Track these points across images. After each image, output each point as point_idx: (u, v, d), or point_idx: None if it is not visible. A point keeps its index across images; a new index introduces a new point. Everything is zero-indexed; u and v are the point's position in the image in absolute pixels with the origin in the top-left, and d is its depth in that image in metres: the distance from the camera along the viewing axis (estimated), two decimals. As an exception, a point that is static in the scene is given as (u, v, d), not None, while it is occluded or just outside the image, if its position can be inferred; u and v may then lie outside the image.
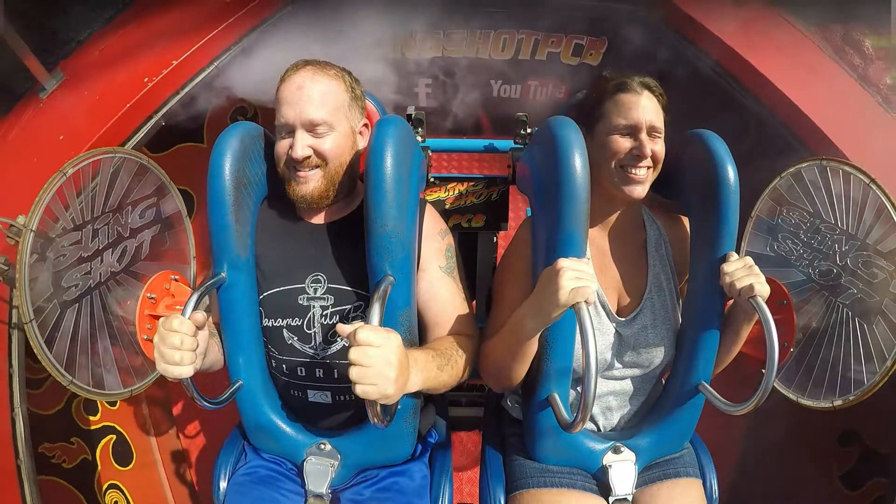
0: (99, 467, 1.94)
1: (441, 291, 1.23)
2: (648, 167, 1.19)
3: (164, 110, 1.71)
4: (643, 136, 1.17)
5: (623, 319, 1.24)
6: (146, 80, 1.65)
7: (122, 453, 2.07)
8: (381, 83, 2.01)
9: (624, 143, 1.19)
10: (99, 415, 1.99)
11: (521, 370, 1.16)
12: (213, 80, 1.82)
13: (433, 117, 2.48)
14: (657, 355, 1.25)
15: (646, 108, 1.18)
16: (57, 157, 1.46)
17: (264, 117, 2.23)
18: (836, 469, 1.88)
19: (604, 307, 1.24)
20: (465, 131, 2.61)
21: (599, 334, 1.22)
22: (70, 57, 1.68)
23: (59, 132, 1.59)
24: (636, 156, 1.17)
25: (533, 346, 1.12)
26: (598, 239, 1.27)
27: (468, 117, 2.54)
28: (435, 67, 2.40)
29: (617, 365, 1.25)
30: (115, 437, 2.05)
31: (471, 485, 2.40)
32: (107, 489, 1.94)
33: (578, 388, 1.23)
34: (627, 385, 1.28)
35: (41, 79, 1.60)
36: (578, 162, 1.05)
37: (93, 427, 1.95)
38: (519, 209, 2.09)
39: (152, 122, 1.70)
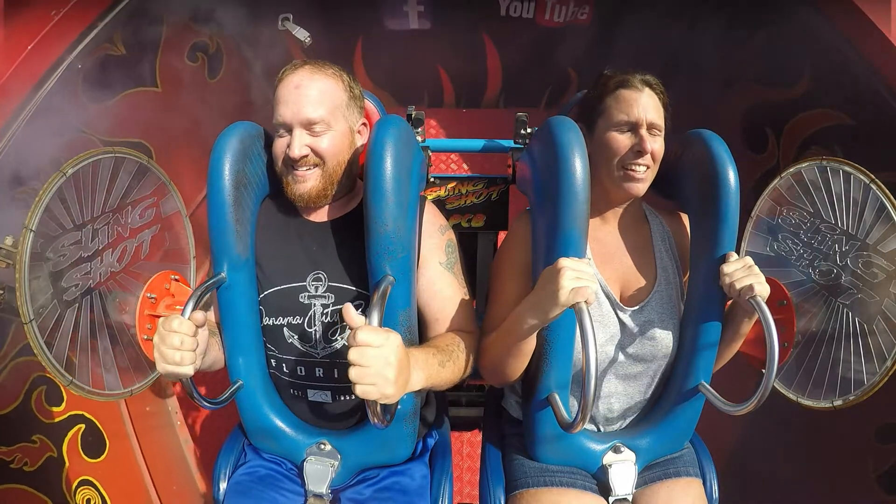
0: (67, 464, 1.78)
1: (442, 287, 1.23)
2: (647, 166, 1.19)
3: (87, 41, 1.46)
4: (643, 131, 1.18)
5: (630, 309, 1.24)
6: (53, 13, 1.43)
7: (93, 444, 1.90)
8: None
9: (624, 141, 1.19)
10: (64, 404, 1.80)
11: (520, 366, 1.16)
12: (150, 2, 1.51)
13: (426, 42, 2.09)
14: (662, 347, 1.24)
15: (646, 105, 1.19)
16: None
17: (228, 53, 1.89)
18: (873, 468, 1.74)
19: (608, 297, 1.24)
20: (465, 59, 2.20)
21: (601, 326, 1.22)
22: None
23: None
24: (637, 152, 1.18)
25: (531, 344, 1.12)
26: (600, 233, 1.27)
27: (469, 42, 2.15)
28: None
29: (621, 358, 1.25)
30: (83, 426, 1.86)
31: (471, 484, 2.40)
32: (77, 486, 1.80)
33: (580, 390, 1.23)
34: (630, 387, 1.27)
35: None
36: (578, 162, 1.06)
37: (57, 419, 1.78)
38: (519, 209, 2.08)
39: (68, 61, 1.45)
